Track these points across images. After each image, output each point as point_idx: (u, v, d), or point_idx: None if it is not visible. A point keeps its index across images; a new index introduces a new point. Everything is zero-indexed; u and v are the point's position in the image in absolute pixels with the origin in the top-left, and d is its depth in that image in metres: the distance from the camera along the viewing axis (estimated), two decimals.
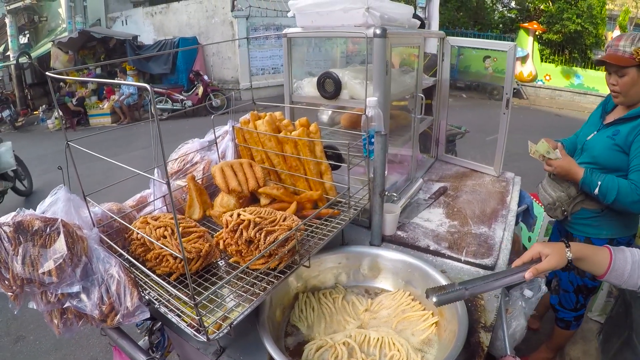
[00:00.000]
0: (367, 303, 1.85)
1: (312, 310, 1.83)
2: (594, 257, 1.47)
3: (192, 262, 1.57)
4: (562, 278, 2.75)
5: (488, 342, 1.60)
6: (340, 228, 1.83)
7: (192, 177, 1.95)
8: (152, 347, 1.95)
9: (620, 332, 2.73)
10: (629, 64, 2.16)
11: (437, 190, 2.75)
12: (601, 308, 3.47)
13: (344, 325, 1.75)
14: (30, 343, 3.78)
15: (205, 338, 1.30)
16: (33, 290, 1.40)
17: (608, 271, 1.44)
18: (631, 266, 1.41)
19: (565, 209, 2.51)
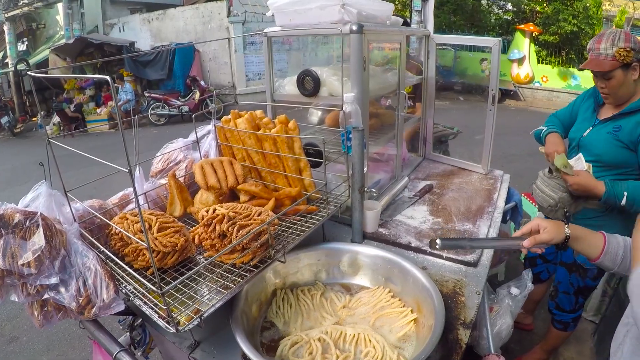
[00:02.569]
0: (346, 300, 1.84)
1: (290, 306, 1.82)
2: (590, 238, 1.52)
3: (169, 256, 1.57)
4: (562, 281, 2.71)
5: (467, 339, 1.58)
6: (318, 224, 1.83)
7: (172, 175, 1.95)
8: (134, 344, 1.96)
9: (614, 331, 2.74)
10: (612, 67, 2.14)
11: (422, 188, 2.75)
12: (596, 308, 3.45)
13: (320, 321, 1.74)
14: (24, 344, 3.80)
15: (175, 329, 1.30)
16: (13, 282, 1.41)
17: (602, 253, 1.48)
18: (623, 250, 1.45)
19: (567, 210, 2.34)
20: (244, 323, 1.57)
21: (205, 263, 1.48)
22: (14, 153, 10.74)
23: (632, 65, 2.14)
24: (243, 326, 1.53)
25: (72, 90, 14.99)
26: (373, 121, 2.53)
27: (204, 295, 1.47)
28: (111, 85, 1.01)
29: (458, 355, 1.51)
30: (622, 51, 2.10)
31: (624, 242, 1.47)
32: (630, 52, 2.10)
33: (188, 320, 1.35)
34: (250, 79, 14.69)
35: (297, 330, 1.70)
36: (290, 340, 1.58)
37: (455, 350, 1.53)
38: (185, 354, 1.57)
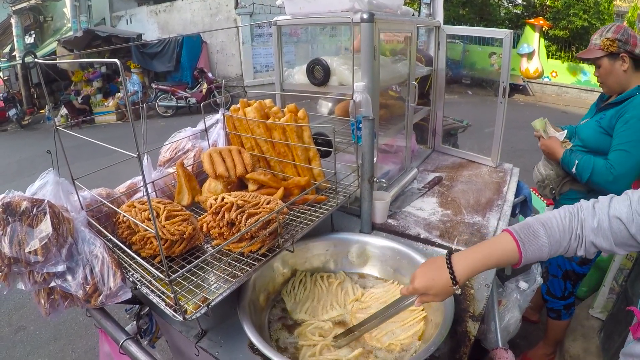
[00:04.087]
0: (359, 293, 1.82)
1: (304, 289, 1.82)
2: (496, 265, 1.31)
3: (176, 244, 1.57)
4: (550, 262, 2.78)
5: (475, 332, 1.56)
6: (327, 214, 1.81)
7: (181, 163, 1.93)
8: (140, 332, 1.95)
9: (622, 329, 2.72)
10: (598, 55, 2.31)
11: (431, 180, 2.73)
12: (603, 305, 3.38)
13: (328, 310, 1.73)
14: (31, 333, 3.81)
15: (182, 318, 1.29)
16: (20, 270, 1.40)
17: (519, 265, 1.28)
18: (549, 250, 1.23)
19: (553, 188, 2.63)
20: (252, 312, 1.56)
21: (212, 251, 1.47)
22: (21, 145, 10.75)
23: (620, 56, 2.26)
24: (250, 316, 1.52)
25: (79, 83, 15.00)
26: (382, 112, 2.51)
27: (211, 284, 1.46)
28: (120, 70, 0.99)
29: (467, 348, 1.49)
30: (606, 41, 2.26)
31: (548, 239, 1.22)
32: (615, 42, 2.24)
33: (195, 309, 1.33)
34: (258, 70, 14.65)
35: (302, 313, 1.70)
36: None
37: (464, 342, 1.51)
38: (192, 343, 1.56)
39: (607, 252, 1.23)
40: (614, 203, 1.19)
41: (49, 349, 3.62)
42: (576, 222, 1.22)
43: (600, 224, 1.18)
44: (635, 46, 2.23)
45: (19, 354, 3.58)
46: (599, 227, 1.18)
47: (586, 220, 1.21)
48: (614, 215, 1.17)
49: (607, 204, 1.20)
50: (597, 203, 1.23)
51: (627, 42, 2.23)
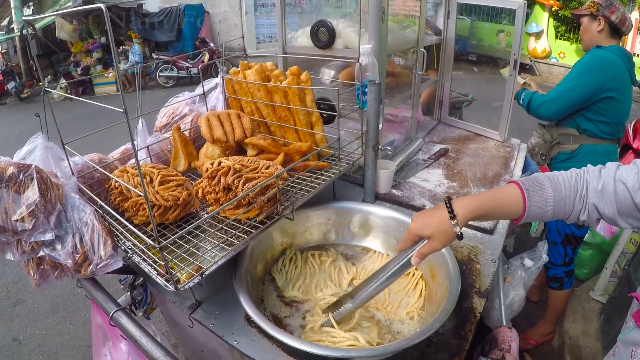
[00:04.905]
0: (354, 272, 1.74)
1: (295, 267, 1.75)
2: (499, 211, 1.20)
3: (170, 210, 1.49)
4: (549, 229, 2.86)
5: (481, 308, 1.50)
6: (329, 181, 1.73)
7: (177, 127, 1.86)
8: (135, 304, 1.89)
9: (623, 313, 2.61)
10: (583, 13, 2.68)
11: (437, 152, 2.65)
12: (604, 288, 3.37)
13: (321, 288, 1.67)
14: (29, 306, 3.83)
15: (174, 287, 1.22)
16: (8, 239, 1.36)
17: (522, 219, 1.20)
18: (554, 207, 1.16)
19: (543, 154, 2.86)
20: (248, 283, 1.49)
21: (206, 217, 1.38)
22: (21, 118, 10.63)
23: (597, 18, 2.61)
24: (247, 286, 1.45)
25: (79, 54, 14.82)
26: (389, 80, 2.40)
27: (206, 252, 1.38)
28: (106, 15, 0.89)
29: (472, 325, 1.43)
30: (590, 3, 2.63)
31: (554, 195, 1.16)
32: (596, 5, 2.60)
33: (188, 279, 1.27)
34: (261, 41, 14.42)
35: (295, 291, 1.64)
36: None
37: (470, 319, 1.45)
38: (185, 315, 1.49)
39: (610, 222, 1.17)
40: (621, 169, 1.13)
41: (47, 321, 3.64)
42: (582, 182, 1.16)
43: (605, 187, 1.12)
44: (612, 14, 2.55)
45: (17, 327, 3.58)
46: (603, 190, 1.13)
47: (591, 182, 1.15)
48: (619, 179, 1.11)
49: (614, 169, 1.14)
50: (604, 168, 1.17)
51: (606, 7, 2.56)
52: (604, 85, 2.48)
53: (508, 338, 1.53)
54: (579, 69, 2.57)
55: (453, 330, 1.41)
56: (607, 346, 2.78)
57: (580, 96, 2.54)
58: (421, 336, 1.22)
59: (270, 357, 1.33)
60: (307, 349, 1.20)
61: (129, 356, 1.56)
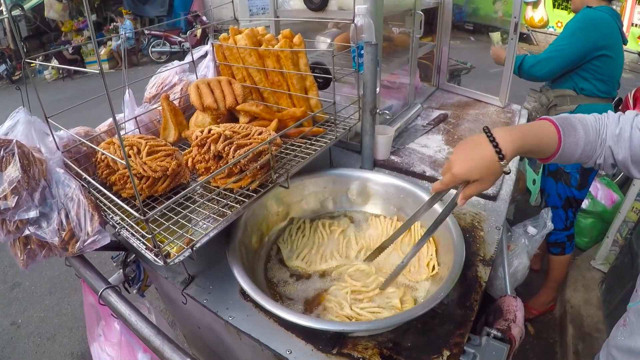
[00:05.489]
0: (363, 243, 1.68)
1: (303, 236, 1.68)
2: (539, 148, 1.12)
3: (159, 182, 1.42)
4: (549, 193, 2.85)
5: (487, 277, 1.45)
6: (325, 147, 1.66)
7: (166, 97, 1.77)
8: (128, 281, 1.83)
9: (625, 282, 2.75)
10: None
11: (436, 117, 2.57)
12: (605, 257, 3.37)
13: (327, 259, 1.61)
14: (26, 289, 3.82)
15: (163, 261, 1.15)
16: None
17: (551, 159, 1.15)
18: (582, 149, 1.11)
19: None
20: (243, 255, 1.43)
21: (195, 185, 1.32)
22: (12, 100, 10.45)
23: None
24: (241, 259, 1.39)
25: (69, 33, 14.59)
26: (385, 44, 2.31)
27: (196, 224, 1.31)
28: None
29: (477, 294, 1.38)
30: None
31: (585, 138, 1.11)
32: None
33: (179, 252, 1.19)
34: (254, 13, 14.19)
35: (298, 260, 1.58)
36: None
37: (475, 289, 1.40)
38: (178, 291, 1.43)
39: (623, 169, 1.13)
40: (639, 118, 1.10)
41: (44, 303, 3.62)
42: (602, 125, 1.12)
43: (622, 133, 1.09)
44: None
45: (15, 311, 3.57)
46: (619, 135, 1.09)
47: (610, 126, 1.11)
48: (636, 126, 1.08)
49: (632, 117, 1.10)
50: (623, 116, 1.13)
51: None
52: (597, 42, 2.47)
53: (513, 308, 1.47)
54: (572, 28, 2.55)
55: (458, 300, 1.36)
56: (609, 315, 2.84)
57: (574, 54, 2.52)
58: (425, 308, 1.17)
59: (267, 332, 1.27)
60: (304, 323, 1.15)
61: (122, 335, 1.50)
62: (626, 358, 1.15)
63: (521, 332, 1.39)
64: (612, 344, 1.24)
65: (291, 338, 1.26)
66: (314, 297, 1.45)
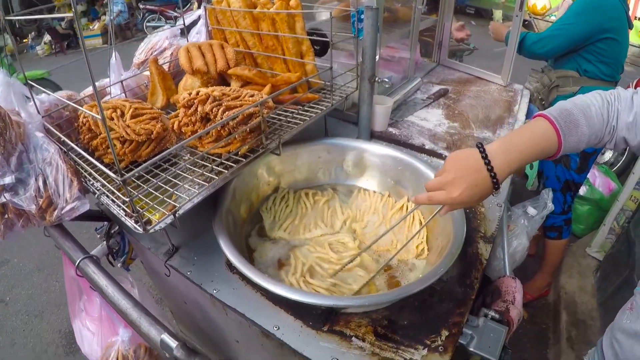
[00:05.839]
0: (349, 213, 1.62)
1: (286, 206, 1.61)
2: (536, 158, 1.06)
3: (143, 146, 1.33)
4: (548, 176, 2.82)
5: (488, 255, 1.39)
6: (320, 114, 1.57)
7: (154, 60, 1.67)
8: (112, 254, 1.75)
9: (621, 270, 2.73)
10: None
11: (436, 92, 2.49)
12: (600, 245, 3.35)
13: (311, 229, 1.54)
14: (15, 266, 3.75)
15: (142, 229, 1.06)
16: None
17: (554, 157, 1.07)
18: (587, 142, 1.04)
19: (542, 99, 2.78)
20: (230, 225, 1.35)
21: (177, 145, 1.21)
22: None
23: None
24: (228, 228, 1.30)
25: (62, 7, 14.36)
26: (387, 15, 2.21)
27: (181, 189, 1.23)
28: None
29: (478, 272, 1.32)
30: None
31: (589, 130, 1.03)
32: None
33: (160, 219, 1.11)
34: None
35: (281, 231, 1.51)
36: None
37: (475, 266, 1.34)
38: (162, 262, 1.35)
39: (638, 152, 1.06)
40: None
41: (32, 280, 3.57)
42: (613, 112, 1.03)
43: (637, 119, 1.00)
44: None
45: (3, 288, 3.51)
46: (634, 122, 1.01)
47: (622, 113, 1.02)
48: None
49: None
50: (637, 95, 1.03)
51: None
52: (602, 24, 2.41)
53: (512, 289, 1.40)
54: (578, 7, 2.47)
55: (457, 277, 1.30)
56: (603, 303, 2.83)
57: (578, 34, 2.47)
58: (423, 284, 1.10)
59: (253, 306, 1.20)
60: (293, 297, 1.06)
61: (102, 310, 1.43)
62: (632, 342, 1.11)
63: (519, 314, 1.33)
64: (617, 327, 1.19)
65: (279, 313, 1.18)
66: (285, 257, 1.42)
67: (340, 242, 1.48)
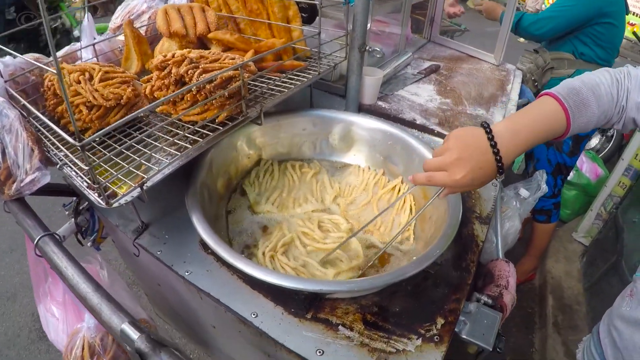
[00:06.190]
0: (338, 188, 1.53)
1: (271, 178, 1.51)
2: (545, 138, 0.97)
3: (112, 112, 1.21)
4: (539, 158, 2.78)
5: (484, 237, 1.33)
6: (306, 82, 1.46)
7: (129, 22, 1.54)
8: (81, 232, 1.63)
9: (608, 256, 2.71)
10: None
11: (428, 67, 2.40)
12: (587, 230, 3.36)
13: (300, 203, 1.44)
14: None
15: (105, 202, 0.95)
16: None
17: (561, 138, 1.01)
18: (596, 122, 0.98)
19: (536, 80, 2.75)
20: (205, 200, 1.24)
21: (146, 108, 1.06)
22: None
23: None
24: (203, 204, 1.20)
25: None
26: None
27: (151, 160, 1.10)
28: None
29: (474, 255, 1.25)
30: None
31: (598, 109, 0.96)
32: None
33: None
34: None
35: (268, 205, 1.41)
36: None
37: (471, 248, 1.27)
38: (130, 240, 1.24)
39: None
40: None
41: (5, 261, 3.42)
42: (622, 91, 0.96)
43: None
44: None
45: None
46: None
47: (632, 92, 0.95)
48: None
49: None
50: None
51: None
52: (601, 9, 2.40)
53: (505, 273, 1.32)
54: None
55: (452, 261, 1.22)
56: (589, 288, 2.84)
57: (576, 17, 2.46)
58: (417, 267, 1.01)
59: (229, 291, 1.10)
60: (273, 281, 0.96)
61: (65, 293, 1.31)
62: (632, 330, 1.05)
63: (513, 300, 1.26)
64: (616, 314, 1.14)
65: (257, 298, 1.09)
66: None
67: (333, 222, 1.39)
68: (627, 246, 2.52)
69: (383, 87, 2.04)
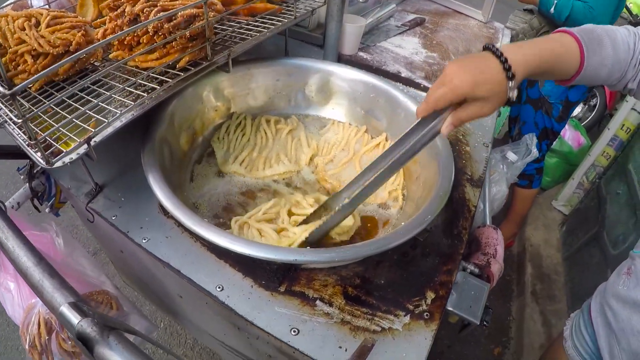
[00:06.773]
0: (315, 146, 1.40)
1: (243, 134, 1.37)
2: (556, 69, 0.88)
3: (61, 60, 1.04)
4: (526, 121, 2.67)
5: (476, 201, 1.24)
6: (281, 27, 1.31)
7: None
8: (37, 197, 1.47)
9: (589, 227, 2.70)
10: None
11: (412, 20, 2.26)
12: (567, 199, 3.33)
13: (272, 164, 1.31)
14: None
15: (45, 161, 0.81)
16: None
17: (571, 81, 0.91)
18: (610, 69, 0.88)
19: None
20: (165, 157, 1.10)
21: (88, 49, 0.90)
22: None
23: None
24: (162, 162, 1.05)
25: None
26: None
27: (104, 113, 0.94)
28: None
29: (466, 221, 1.16)
30: None
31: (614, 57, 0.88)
32: None
33: None
34: None
35: (236, 165, 1.28)
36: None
37: (463, 214, 1.18)
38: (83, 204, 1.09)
39: None
40: None
41: None
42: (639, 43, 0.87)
43: None
44: None
45: None
46: None
47: None
48: None
49: None
50: None
51: None
52: None
53: (493, 241, 1.22)
54: None
55: (443, 227, 1.12)
56: (568, 258, 2.84)
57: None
58: (406, 234, 0.89)
59: (191, 260, 0.97)
60: (241, 250, 0.83)
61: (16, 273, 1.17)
62: (630, 311, 0.99)
63: (501, 269, 1.16)
64: (611, 292, 1.07)
65: (224, 269, 0.96)
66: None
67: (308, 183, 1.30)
68: (610, 217, 2.49)
69: (364, 37, 1.92)
